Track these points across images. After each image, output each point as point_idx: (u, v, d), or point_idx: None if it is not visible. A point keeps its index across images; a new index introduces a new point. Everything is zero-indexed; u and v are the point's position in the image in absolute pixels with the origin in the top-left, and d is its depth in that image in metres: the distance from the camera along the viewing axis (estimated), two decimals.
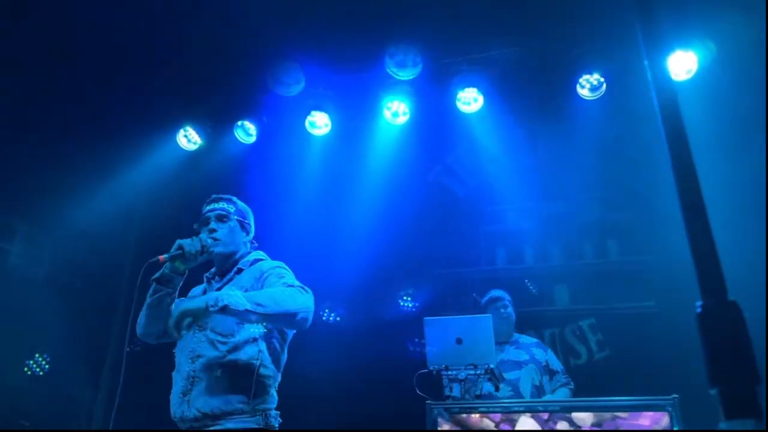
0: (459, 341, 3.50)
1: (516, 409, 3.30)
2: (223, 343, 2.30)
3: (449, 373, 3.50)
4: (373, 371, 4.92)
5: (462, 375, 3.46)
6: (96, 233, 5.69)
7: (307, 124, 5.45)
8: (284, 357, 2.51)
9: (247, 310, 2.10)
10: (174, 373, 2.38)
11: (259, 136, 5.63)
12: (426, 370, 3.56)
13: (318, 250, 5.42)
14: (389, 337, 5.02)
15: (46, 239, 6.03)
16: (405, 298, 5.55)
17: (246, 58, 5.28)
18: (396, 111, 5.31)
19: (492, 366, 3.43)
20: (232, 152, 5.73)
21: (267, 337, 2.39)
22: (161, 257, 2.35)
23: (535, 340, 4.26)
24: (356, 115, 5.43)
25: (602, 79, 4.84)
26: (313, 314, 2.31)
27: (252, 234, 2.71)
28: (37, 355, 5.66)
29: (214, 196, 2.65)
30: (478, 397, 3.42)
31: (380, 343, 5.00)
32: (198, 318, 2.11)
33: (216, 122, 5.70)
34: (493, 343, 3.47)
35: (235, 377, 2.24)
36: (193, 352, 2.30)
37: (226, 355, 2.27)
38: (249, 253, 2.65)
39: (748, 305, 1.01)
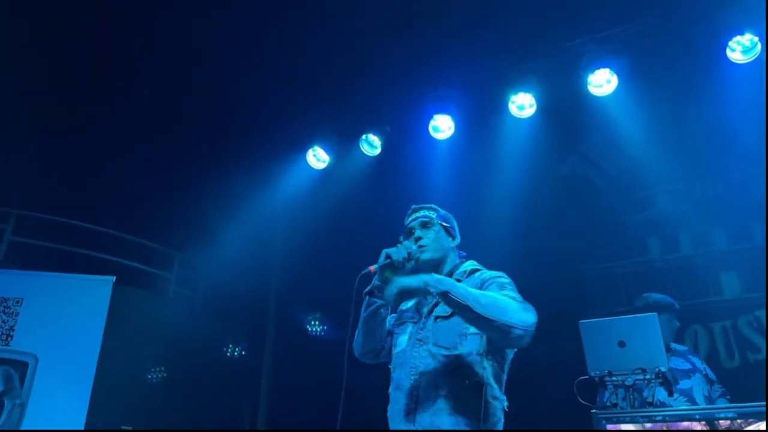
0: (622, 344, 3.22)
1: (696, 417, 2.98)
2: (446, 357, 2.16)
3: (613, 378, 3.24)
4: (530, 377, 4.71)
5: (629, 381, 3.18)
6: (242, 258, 6.01)
7: (430, 128, 5.37)
8: (505, 380, 2.35)
9: (467, 305, 2.00)
10: (392, 390, 2.24)
11: (384, 147, 5.64)
12: (586, 377, 3.32)
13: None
14: (541, 340, 4.78)
15: (200, 267, 6.48)
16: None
17: (363, 69, 5.33)
18: (522, 104, 5.08)
19: (664, 370, 3.12)
20: (359, 166, 5.80)
21: (490, 354, 2.22)
22: (372, 268, 2.23)
23: (686, 347, 3.85)
24: (480, 114, 5.27)
25: (756, 39, 4.31)
26: (532, 335, 2.18)
27: (458, 240, 2.58)
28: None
29: (414, 206, 2.55)
30: (650, 404, 3.12)
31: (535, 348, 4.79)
32: (414, 295, 2.13)
33: (342, 138, 5.80)
34: (662, 344, 3.15)
35: (463, 396, 2.11)
36: (415, 368, 2.16)
37: (450, 371, 2.14)
38: (462, 262, 2.50)
39: None
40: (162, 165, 6.01)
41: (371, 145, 5.71)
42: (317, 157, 5.89)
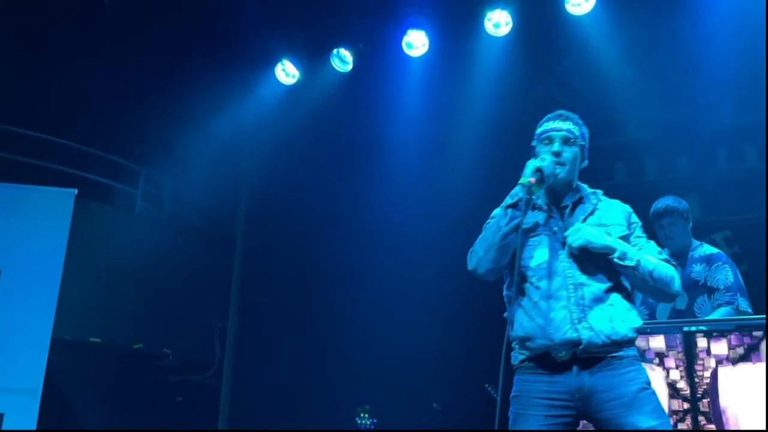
0: None
1: (647, 330, 3.12)
2: (606, 275, 2.15)
3: None
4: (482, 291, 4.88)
5: None
6: (210, 174, 5.91)
7: (404, 45, 5.22)
8: None
9: (644, 279, 2.12)
10: (541, 300, 2.13)
11: (356, 63, 5.48)
12: None
13: (423, 174, 5.32)
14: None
15: (166, 183, 6.36)
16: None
17: None
18: (498, 21, 4.94)
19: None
20: (330, 82, 5.65)
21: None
22: (532, 179, 2.11)
23: (707, 253, 3.53)
24: (455, 31, 5.12)
25: None
26: None
27: (587, 162, 2.41)
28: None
29: (559, 112, 2.35)
30: None
31: None
32: (596, 251, 2.10)
33: (312, 53, 5.60)
34: None
35: (624, 306, 2.15)
36: (572, 278, 2.13)
37: (607, 280, 2.14)
38: (583, 186, 2.38)
39: None
40: (127, 77, 5.76)
41: (343, 60, 5.53)
42: (286, 72, 5.70)
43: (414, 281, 5.26)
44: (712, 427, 2.83)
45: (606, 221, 2.24)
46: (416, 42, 5.20)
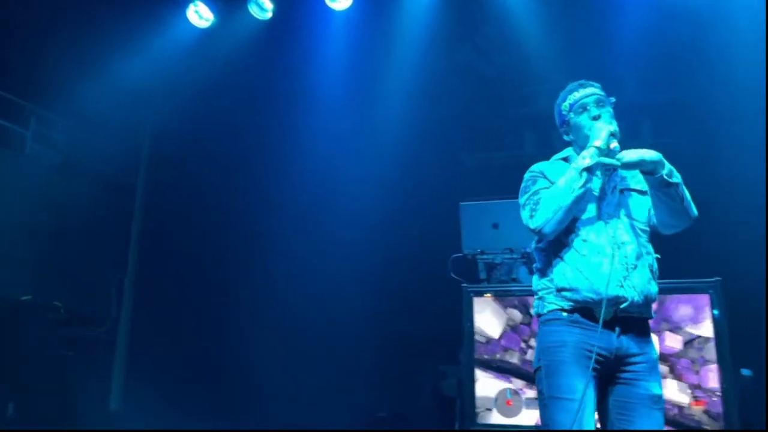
0: (495, 226, 3.45)
1: None
2: (643, 231, 2.27)
3: (484, 257, 3.49)
4: (405, 258, 4.94)
5: (498, 259, 3.45)
6: (110, 115, 5.53)
7: None
8: None
9: (684, 197, 2.17)
10: (591, 254, 2.16)
11: (276, 11, 5.28)
12: (461, 255, 3.55)
13: (341, 130, 5.27)
14: (420, 221, 4.97)
15: (60, 123, 5.89)
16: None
17: None
18: None
19: (529, 250, 3.40)
20: (247, 30, 5.42)
21: None
22: (612, 145, 2.15)
23: None
24: None
25: None
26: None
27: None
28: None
29: (581, 82, 2.40)
30: (513, 280, 3.42)
31: (415, 229, 4.99)
32: (647, 168, 2.12)
33: None
34: None
35: (654, 267, 2.24)
36: (616, 238, 2.19)
37: (646, 242, 2.25)
38: None
39: None
40: (21, 8, 5.20)
41: (261, 7, 5.31)
42: (199, 14, 5.40)
43: (332, 234, 5.19)
44: None
45: (638, 176, 2.30)
46: None
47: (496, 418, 3.19)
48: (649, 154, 2.11)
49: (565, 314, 2.16)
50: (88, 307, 5.99)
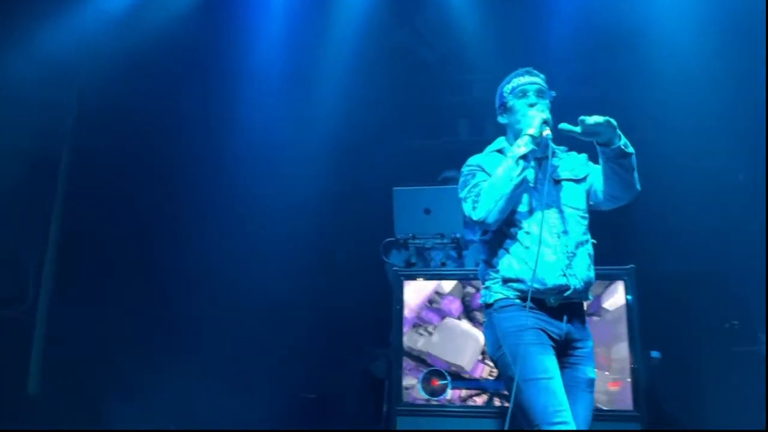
0: (428, 211, 3.51)
1: (470, 276, 3.40)
2: (582, 218, 2.34)
3: (416, 241, 3.55)
4: (339, 241, 4.95)
5: (429, 243, 3.51)
6: (34, 89, 5.23)
7: None
8: None
9: (634, 167, 2.24)
10: (533, 245, 2.22)
11: None
12: (393, 239, 3.60)
13: (274, 110, 5.18)
14: (354, 206, 4.98)
15: None
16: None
17: None
18: None
19: (459, 236, 3.48)
20: (178, 1, 5.23)
21: None
22: (544, 132, 2.21)
23: None
24: None
25: None
26: None
27: None
28: None
29: (527, 69, 2.45)
30: (443, 264, 3.50)
31: (347, 214, 4.99)
32: (601, 137, 2.17)
33: None
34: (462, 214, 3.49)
35: (593, 255, 2.33)
36: (556, 227, 2.27)
37: (584, 231, 2.33)
38: None
39: None
40: None
41: None
42: None
43: (265, 214, 5.08)
44: None
45: (576, 166, 2.41)
46: None
47: (422, 397, 3.27)
48: (607, 120, 2.14)
49: (518, 302, 2.21)
50: (4, 288, 5.70)
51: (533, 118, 2.25)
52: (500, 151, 2.42)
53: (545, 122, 2.23)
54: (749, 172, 4.03)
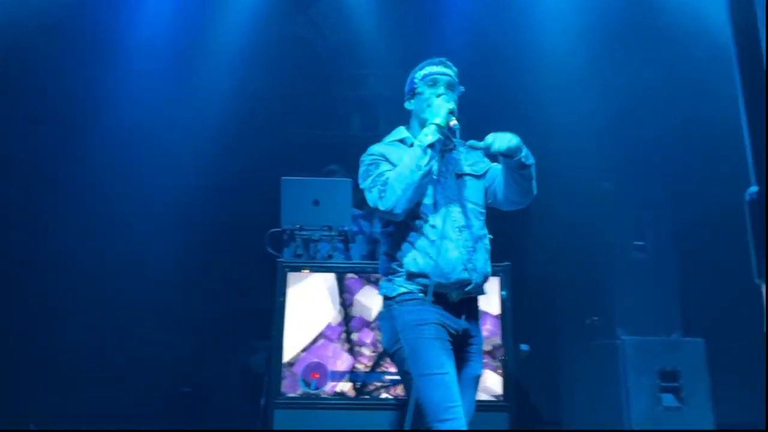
0: (316, 203, 3.48)
1: (369, 270, 3.43)
2: (481, 213, 2.37)
3: (303, 233, 3.50)
4: (224, 230, 4.78)
5: (316, 235, 3.49)
6: None
7: None
8: None
9: (533, 177, 2.31)
10: (438, 239, 2.22)
11: None
12: (278, 229, 3.53)
13: (160, 95, 4.91)
14: (243, 194, 4.84)
15: None
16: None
17: None
18: None
19: (347, 229, 3.49)
20: None
21: None
22: (452, 122, 2.20)
23: (361, 212, 4.15)
24: None
25: None
26: None
27: None
28: None
29: (441, 59, 2.42)
30: (330, 257, 3.48)
31: (235, 203, 4.83)
32: (511, 155, 2.20)
33: None
34: (350, 206, 3.50)
35: (489, 249, 2.36)
36: (456, 221, 2.28)
37: (482, 226, 2.36)
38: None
39: None
40: None
41: None
42: None
43: (146, 200, 4.78)
44: None
45: (476, 162, 2.41)
46: None
47: (301, 391, 3.24)
48: (514, 142, 2.19)
49: (419, 295, 2.21)
50: None
51: (440, 107, 2.24)
52: (402, 141, 2.40)
53: (451, 112, 2.23)
54: (615, 180, 4.33)
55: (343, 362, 3.27)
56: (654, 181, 4.33)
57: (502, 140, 2.19)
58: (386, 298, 2.30)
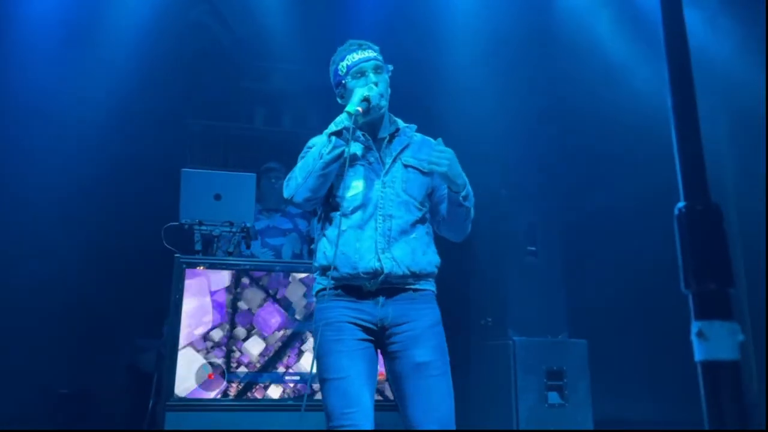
0: (218, 197, 3.35)
1: (264, 268, 3.35)
2: (417, 208, 2.26)
3: (203, 228, 3.37)
4: (118, 223, 4.48)
5: (216, 231, 3.36)
6: None
7: None
8: None
9: (466, 217, 2.27)
10: (350, 229, 2.17)
11: None
12: (177, 223, 3.36)
13: (51, 78, 4.52)
14: (136, 184, 4.54)
15: None
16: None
17: None
18: None
19: (249, 225, 3.39)
20: None
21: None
22: (360, 109, 2.12)
23: (300, 210, 4.21)
24: None
25: None
26: None
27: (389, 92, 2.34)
28: None
29: (358, 41, 2.31)
30: (230, 253, 3.37)
31: (128, 193, 4.53)
32: (451, 184, 2.16)
33: None
34: (253, 202, 3.40)
35: (428, 243, 2.28)
36: (383, 209, 2.20)
37: (417, 221, 2.25)
38: (398, 120, 2.39)
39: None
40: None
41: None
42: None
43: (35, 190, 4.37)
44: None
45: (420, 156, 2.28)
46: None
47: (195, 392, 3.10)
48: (460, 178, 2.14)
49: (332, 291, 2.14)
50: None
51: (356, 95, 2.18)
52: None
53: (365, 99, 2.15)
54: (512, 186, 4.51)
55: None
56: (545, 188, 4.57)
57: (451, 168, 2.12)
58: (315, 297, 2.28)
